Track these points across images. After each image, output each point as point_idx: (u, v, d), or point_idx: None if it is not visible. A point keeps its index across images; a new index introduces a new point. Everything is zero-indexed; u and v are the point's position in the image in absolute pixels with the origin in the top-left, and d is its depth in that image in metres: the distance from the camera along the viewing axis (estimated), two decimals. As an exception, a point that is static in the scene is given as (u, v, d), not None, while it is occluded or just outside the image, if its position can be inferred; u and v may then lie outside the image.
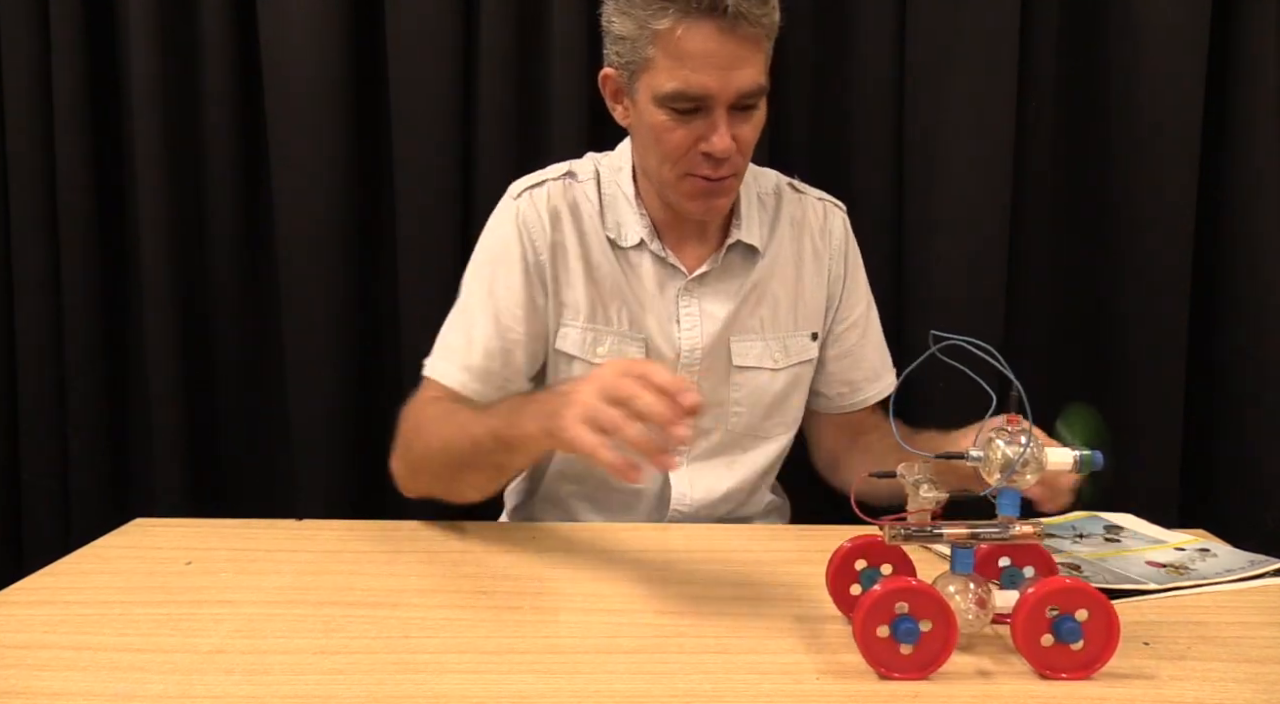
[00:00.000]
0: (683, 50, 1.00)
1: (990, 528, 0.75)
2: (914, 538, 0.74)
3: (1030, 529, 0.75)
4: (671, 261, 1.16)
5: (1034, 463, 0.74)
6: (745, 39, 1.00)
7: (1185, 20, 1.41)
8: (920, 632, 0.70)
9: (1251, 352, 1.46)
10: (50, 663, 0.74)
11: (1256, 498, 1.46)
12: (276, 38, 1.50)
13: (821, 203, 1.25)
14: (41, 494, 1.64)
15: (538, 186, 1.17)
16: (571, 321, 1.15)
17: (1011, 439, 0.74)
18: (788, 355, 1.20)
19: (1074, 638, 0.70)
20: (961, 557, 0.76)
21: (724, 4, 0.98)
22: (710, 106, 1.03)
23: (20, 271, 1.60)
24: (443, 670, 0.73)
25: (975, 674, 0.73)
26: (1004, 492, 0.75)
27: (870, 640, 0.71)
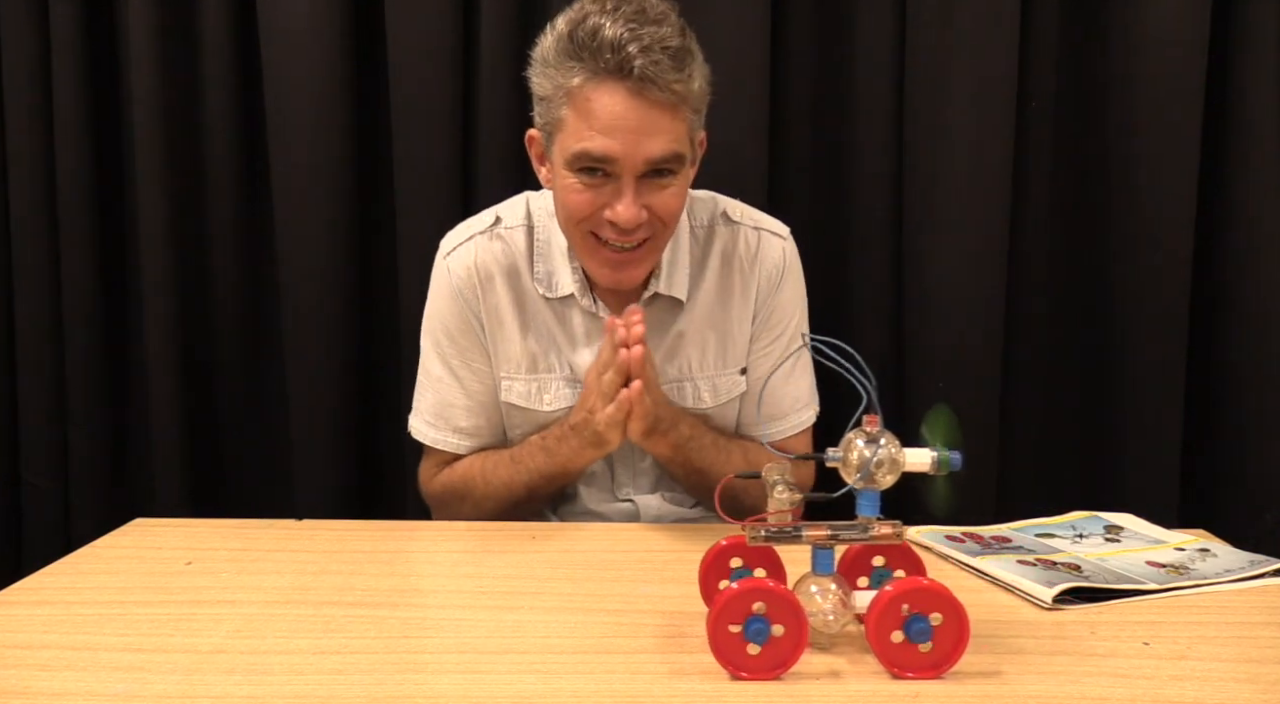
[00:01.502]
0: (590, 111, 0.99)
1: (850, 528, 0.75)
2: (774, 538, 0.75)
3: (889, 530, 0.75)
4: (601, 315, 1.15)
5: (889, 463, 0.73)
6: (655, 104, 0.98)
7: (1186, 20, 1.40)
8: (770, 633, 0.71)
9: (1251, 352, 1.46)
10: (50, 663, 0.74)
11: (1256, 498, 1.46)
12: (276, 38, 1.50)
13: (757, 232, 1.20)
14: (41, 494, 1.64)
15: (465, 244, 1.18)
16: (514, 375, 1.18)
17: (870, 440, 0.73)
18: (717, 394, 1.19)
19: (924, 638, 0.71)
20: (822, 557, 0.76)
21: (630, 66, 0.96)
22: (617, 172, 1.01)
23: (20, 271, 1.60)
24: (443, 670, 0.73)
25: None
26: (863, 492, 0.75)
27: (721, 639, 0.71)
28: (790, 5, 1.49)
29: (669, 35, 0.98)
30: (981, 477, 1.49)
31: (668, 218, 1.06)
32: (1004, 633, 0.80)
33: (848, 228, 1.52)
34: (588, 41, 0.97)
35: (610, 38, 0.96)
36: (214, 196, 1.57)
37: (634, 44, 0.96)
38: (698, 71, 1.02)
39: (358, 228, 1.56)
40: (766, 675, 0.71)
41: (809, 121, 1.52)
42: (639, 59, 0.96)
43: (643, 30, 0.97)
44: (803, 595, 0.75)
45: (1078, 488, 1.52)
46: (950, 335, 1.47)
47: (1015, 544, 1.02)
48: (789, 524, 0.75)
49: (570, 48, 0.99)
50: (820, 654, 0.75)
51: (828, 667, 0.74)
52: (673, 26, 1.00)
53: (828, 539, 0.75)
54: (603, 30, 0.97)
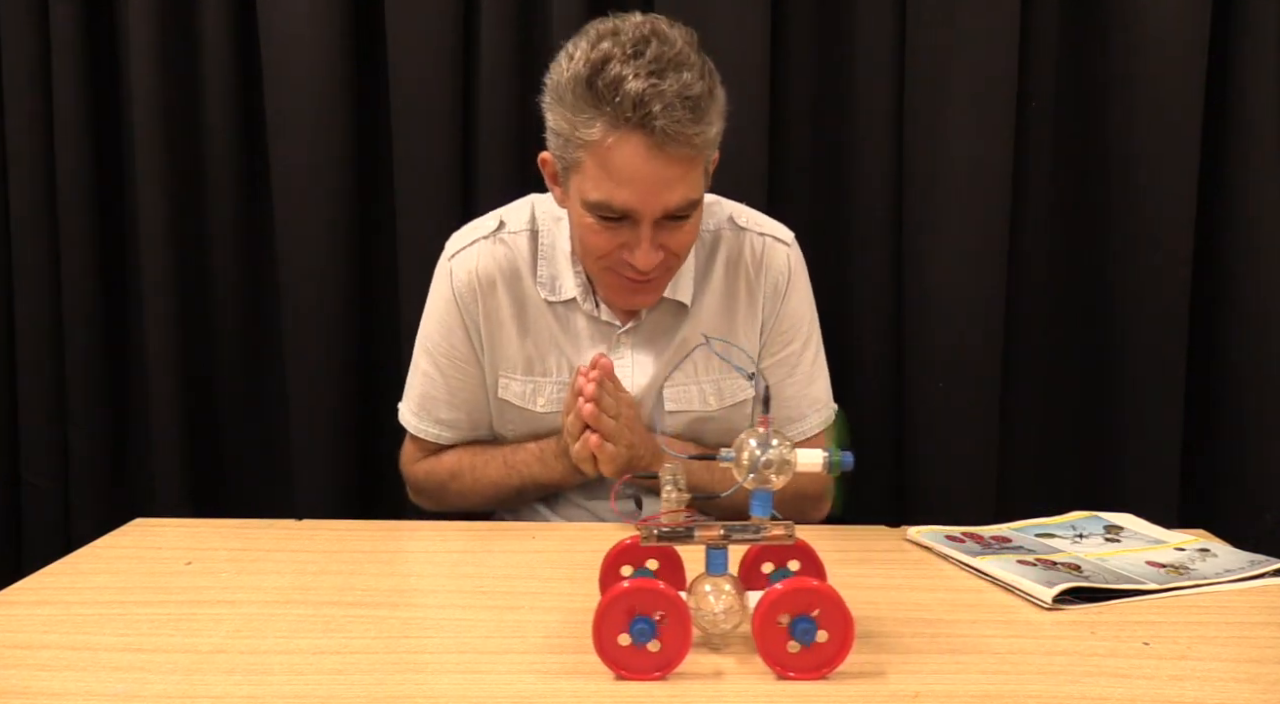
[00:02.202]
0: (610, 162, 0.98)
1: (742, 529, 0.75)
2: (668, 538, 0.75)
3: (782, 531, 0.75)
4: (604, 318, 1.16)
5: (779, 463, 0.73)
6: (675, 159, 0.97)
7: (1186, 20, 1.40)
8: (657, 632, 0.71)
9: (1251, 352, 1.46)
10: (50, 663, 0.74)
11: (1256, 498, 1.46)
12: (276, 38, 1.50)
13: (763, 238, 1.20)
14: (41, 494, 1.64)
15: (469, 248, 1.18)
16: (510, 374, 1.19)
17: (763, 440, 0.73)
18: (721, 398, 1.19)
19: (809, 638, 0.71)
20: (715, 558, 0.76)
21: (653, 122, 0.94)
22: (636, 220, 1.01)
23: (20, 271, 1.60)
24: (443, 670, 0.73)
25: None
26: (755, 493, 0.75)
27: (606, 642, 0.71)
28: (790, 5, 1.49)
29: (690, 82, 0.96)
30: (981, 477, 1.49)
31: (682, 252, 1.08)
32: (1004, 633, 0.80)
33: (848, 228, 1.52)
34: (608, 93, 0.95)
35: (633, 93, 0.94)
36: (214, 196, 1.57)
37: (657, 101, 0.94)
38: (716, 114, 1.00)
39: (358, 228, 1.56)
40: (651, 676, 0.71)
41: (809, 121, 1.52)
42: (661, 118, 0.94)
43: (664, 84, 0.94)
44: (697, 596, 0.75)
45: (1078, 488, 1.52)
46: (950, 335, 1.47)
47: (1015, 544, 1.02)
48: (681, 524, 0.75)
49: (589, 96, 0.96)
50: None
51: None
52: (694, 69, 0.97)
53: (720, 539, 0.75)
54: (625, 84, 0.94)
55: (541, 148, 1.08)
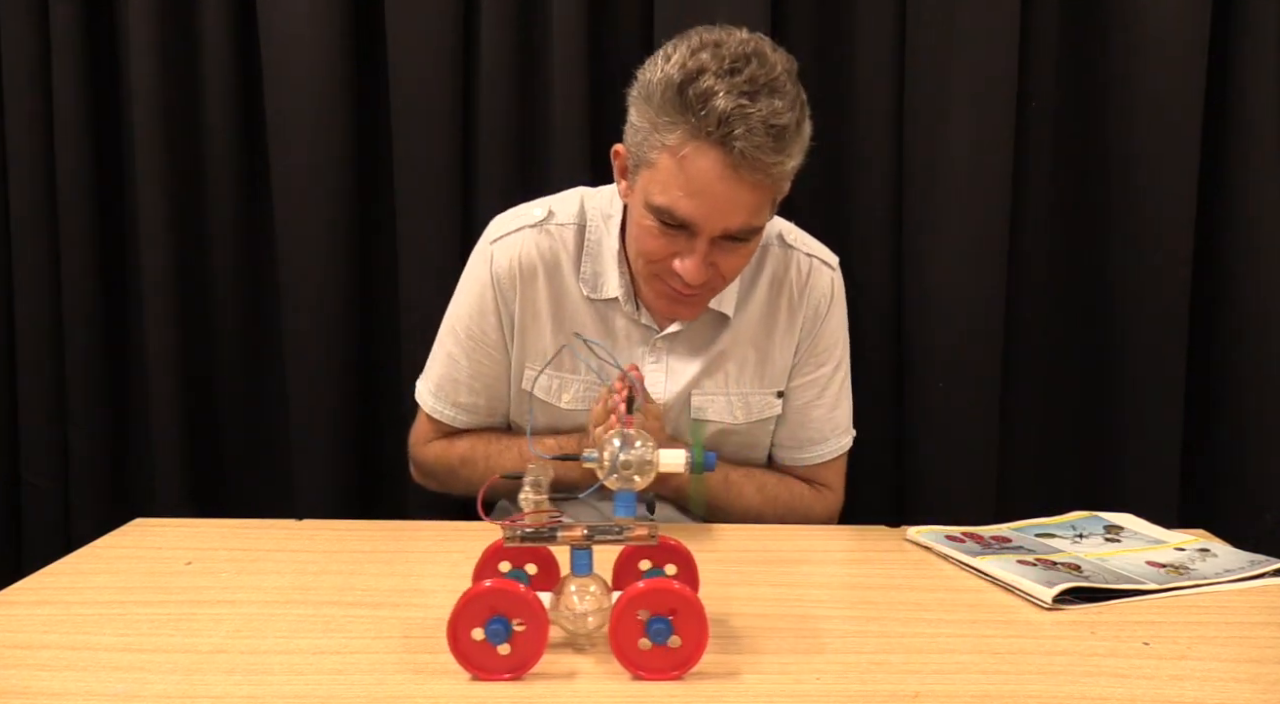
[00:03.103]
0: (683, 170, 0.97)
1: (605, 530, 0.75)
2: (530, 539, 0.75)
3: (644, 531, 0.75)
4: (644, 322, 1.16)
5: (638, 464, 0.73)
6: (748, 183, 0.97)
7: (1186, 20, 1.40)
8: (512, 632, 0.71)
9: (1251, 352, 1.46)
10: (50, 663, 0.74)
11: (1256, 498, 1.46)
12: (276, 37, 1.49)
13: (810, 259, 1.20)
14: (41, 494, 1.64)
15: (513, 234, 1.17)
16: (537, 367, 1.18)
17: (626, 441, 0.73)
18: (749, 412, 1.19)
19: (663, 639, 0.71)
20: (579, 558, 0.76)
21: (733, 142, 0.94)
22: (695, 232, 1.01)
23: (20, 271, 1.60)
24: (443, 671, 0.73)
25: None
26: (618, 493, 0.75)
27: (461, 641, 0.71)
28: (790, 5, 1.49)
29: (780, 111, 0.95)
30: (981, 477, 1.49)
31: (730, 275, 1.07)
32: (1004, 633, 0.80)
33: (848, 228, 1.52)
34: (695, 104, 0.94)
35: (719, 109, 0.93)
36: (214, 196, 1.57)
37: (741, 123, 0.93)
38: (799, 148, 1.00)
39: (358, 228, 1.56)
40: (506, 676, 0.71)
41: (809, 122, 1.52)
42: (741, 141, 0.93)
43: (754, 107, 0.93)
44: (562, 596, 0.75)
45: (1078, 488, 1.52)
46: (950, 335, 1.47)
47: (1015, 544, 1.02)
48: (545, 525, 0.75)
49: (678, 102, 0.96)
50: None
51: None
52: (786, 97, 0.96)
53: (583, 540, 0.75)
54: (714, 98, 0.93)
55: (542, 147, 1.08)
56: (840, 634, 0.80)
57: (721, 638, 0.78)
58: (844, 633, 0.80)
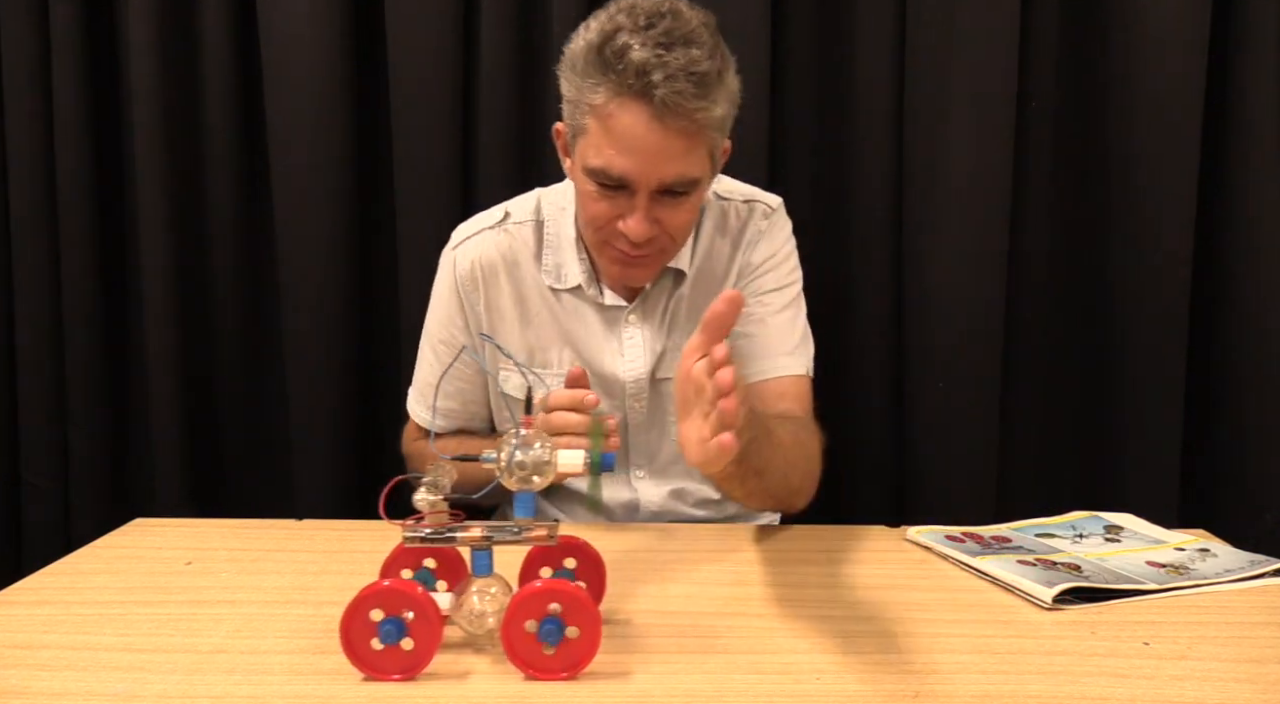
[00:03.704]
0: (611, 129, 0.99)
1: (504, 530, 0.75)
2: (429, 540, 0.75)
3: (544, 532, 0.75)
4: (609, 302, 1.17)
5: (534, 464, 0.73)
6: (676, 131, 0.97)
7: (1186, 20, 1.40)
8: (405, 633, 0.71)
9: (1251, 352, 1.46)
10: (50, 663, 0.74)
11: (1256, 498, 1.46)
12: (276, 38, 1.50)
13: (748, 204, 1.20)
14: (41, 494, 1.64)
15: (473, 238, 1.20)
16: (511, 367, 1.19)
17: (524, 441, 0.74)
18: None
19: (553, 639, 0.71)
20: (479, 559, 0.76)
21: (653, 92, 0.95)
22: (632, 189, 1.01)
23: (20, 271, 1.60)
24: (442, 670, 0.73)
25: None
26: (517, 494, 0.75)
27: (355, 643, 0.71)
28: (790, 5, 1.49)
29: (698, 59, 0.95)
30: (981, 477, 1.49)
31: (677, 233, 1.07)
32: (1004, 633, 0.80)
33: (848, 228, 1.52)
34: (614, 61, 0.96)
35: (636, 61, 0.94)
36: (214, 196, 1.57)
37: (659, 70, 0.94)
38: (723, 95, 0.99)
39: (358, 228, 1.56)
40: (397, 676, 0.71)
41: (809, 121, 1.52)
42: (662, 87, 0.94)
43: (670, 55, 0.94)
44: (463, 596, 0.75)
45: (1078, 488, 1.52)
46: (950, 335, 1.47)
47: (1015, 544, 1.02)
48: (445, 525, 0.75)
49: (598, 62, 0.97)
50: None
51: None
52: (704, 47, 0.96)
53: (481, 541, 0.75)
54: (630, 52, 0.95)
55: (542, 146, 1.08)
56: (839, 634, 0.80)
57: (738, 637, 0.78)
58: (843, 633, 0.80)
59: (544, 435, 0.75)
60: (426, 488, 0.75)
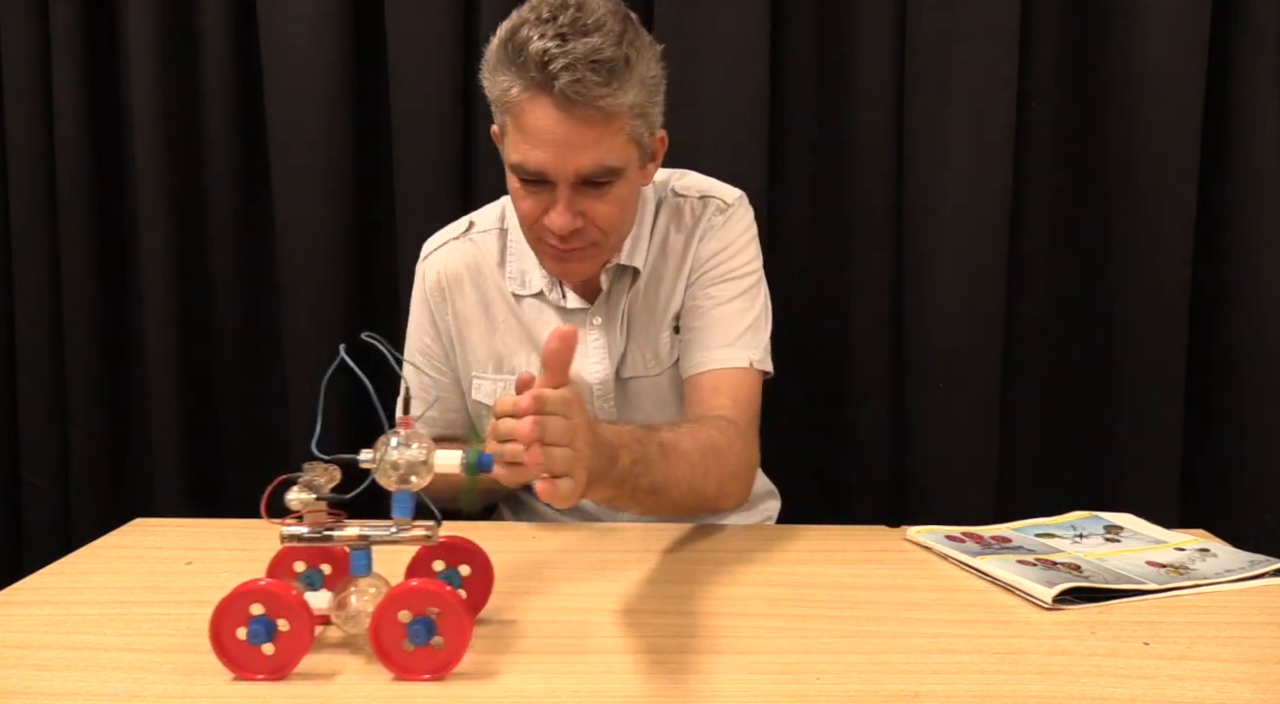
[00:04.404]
0: (524, 124, 0.99)
1: (380, 530, 0.75)
2: (305, 540, 0.75)
3: (422, 532, 0.75)
4: (571, 306, 1.16)
5: (408, 464, 0.74)
6: (584, 120, 0.96)
7: (1186, 20, 1.40)
8: (277, 632, 0.71)
9: (1251, 352, 1.46)
10: (50, 663, 0.74)
11: (1256, 498, 1.46)
12: (276, 38, 1.50)
13: (702, 200, 1.18)
14: (41, 494, 1.64)
15: (438, 250, 1.22)
16: (481, 374, 1.21)
17: (402, 442, 0.74)
18: (659, 360, 1.18)
19: (423, 639, 0.71)
20: (357, 558, 0.76)
21: (554, 83, 0.94)
22: (553, 182, 1.01)
23: (20, 271, 1.60)
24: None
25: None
26: (395, 494, 0.75)
27: (225, 641, 0.71)
28: (790, 5, 1.49)
29: (601, 46, 0.94)
30: (981, 477, 1.49)
31: (606, 226, 1.05)
32: (1004, 633, 0.80)
33: (848, 228, 1.52)
34: (515, 55, 0.97)
35: (535, 53, 0.95)
36: (214, 196, 1.57)
37: (558, 61, 0.94)
38: (633, 82, 0.98)
39: (358, 228, 1.56)
40: (261, 676, 0.71)
41: (809, 121, 1.52)
42: (563, 76, 0.94)
43: (570, 44, 0.94)
44: (341, 597, 0.75)
45: (1078, 488, 1.52)
46: (950, 335, 1.47)
47: (1015, 544, 1.02)
48: (322, 524, 0.75)
49: (504, 58, 0.98)
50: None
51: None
52: (608, 35, 0.95)
53: (358, 540, 0.75)
54: (530, 44, 0.95)
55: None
56: (840, 634, 0.80)
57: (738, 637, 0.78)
58: (844, 633, 0.80)
59: (422, 435, 0.75)
60: (301, 488, 0.75)
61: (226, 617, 0.71)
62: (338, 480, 0.77)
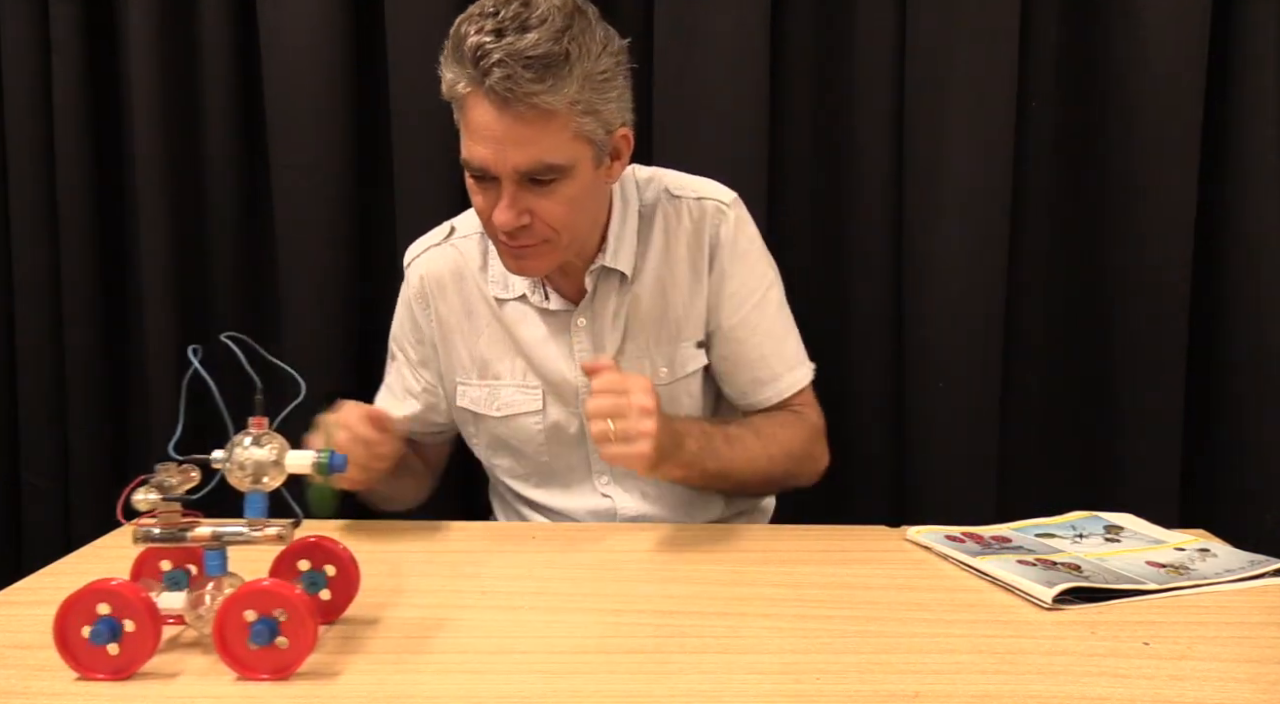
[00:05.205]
0: (467, 120, 1.00)
1: (234, 530, 0.75)
2: (158, 539, 0.75)
3: (274, 532, 0.75)
4: (554, 307, 1.16)
5: (255, 465, 0.74)
6: (519, 117, 0.96)
7: (1185, 20, 1.40)
8: (122, 632, 0.71)
9: (1252, 351, 1.46)
10: (50, 663, 0.74)
11: (1256, 498, 1.46)
12: (276, 37, 1.50)
13: (699, 203, 1.16)
14: (41, 494, 1.64)
15: (420, 256, 1.22)
16: (466, 380, 1.20)
17: (254, 441, 0.74)
18: (674, 369, 1.18)
19: (266, 639, 0.70)
20: (211, 558, 0.76)
21: (488, 78, 0.94)
22: (496, 177, 1.01)
23: (20, 271, 1.60)
24: (442, 670, 0.73)
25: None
26: (248, 494, 0.75)
27: (70, 641, 0.71)
28: (790, 5, 1.49)
29: (537, 42, 0.93)
30: (981, 477, 1.49)
31: (556, 224, 1.04)
32: (1004, 633, 0.80)
33: (848, 229, 1.52)
34: (455, 49, 0.97)
35: (471, 48, 0.95)
36: (214, 197, 1.57)
37: (491, 56, 0.94)
38: (573, 78, 0.96)
39: (358, 228, 1.56)
40: (102, 676, 0.71)
41: (809, 121, 1.52)
42: (495, 72, 0.94)
43: (503, 41, 0.93)
44: (194, 596, 0.75)
45: (1078, 488, 1.52)
46: (950, 336, 1.47)
47: (1015, 544, 1.02)
48: (176, 524, 0.75)
49: (449, 51, 0.98)
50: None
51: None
52: (548, 30, 0.94)
53: (211, 540, 0.75)
54: (467, 40, 0.95)
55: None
56: (840, 634, 0.80)
57: (738, 637, 0.78)
58: (844, 633, 0.80)
59: (275, 436, 0.75)
60: (147, 488, 0.75)
61: (72, 616, 0.71)
62: (196, 482, 0.78)
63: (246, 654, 0.71)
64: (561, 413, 1.18)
